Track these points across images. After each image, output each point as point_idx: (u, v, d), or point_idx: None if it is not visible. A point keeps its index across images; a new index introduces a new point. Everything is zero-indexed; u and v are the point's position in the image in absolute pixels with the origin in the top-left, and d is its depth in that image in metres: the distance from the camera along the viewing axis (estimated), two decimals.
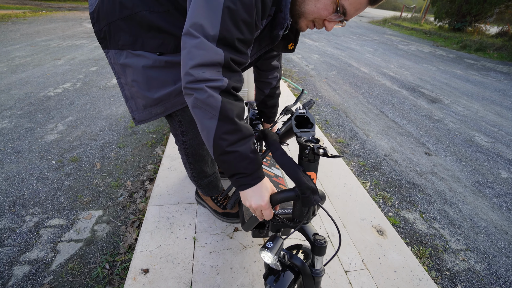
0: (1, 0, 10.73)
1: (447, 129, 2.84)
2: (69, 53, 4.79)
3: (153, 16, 0.73)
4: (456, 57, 6.74)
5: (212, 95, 0.57)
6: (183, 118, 0.96)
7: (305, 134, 0.64)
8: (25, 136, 2.24)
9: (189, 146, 1.04)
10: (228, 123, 0.59)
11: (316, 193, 0.61)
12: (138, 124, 0.94)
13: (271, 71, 1.17)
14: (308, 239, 0.68)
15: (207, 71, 0.57)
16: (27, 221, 1.48)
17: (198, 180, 1.20)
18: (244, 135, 0.62)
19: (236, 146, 0.61)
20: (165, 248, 1.18)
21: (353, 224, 1.36)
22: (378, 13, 20.07)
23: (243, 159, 0.62)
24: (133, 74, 0.82)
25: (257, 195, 0.65)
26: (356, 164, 2.13)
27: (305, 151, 0.62)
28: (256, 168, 0.64)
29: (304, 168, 0.64)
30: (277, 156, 0.65)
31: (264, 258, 0.62)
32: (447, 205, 1.77)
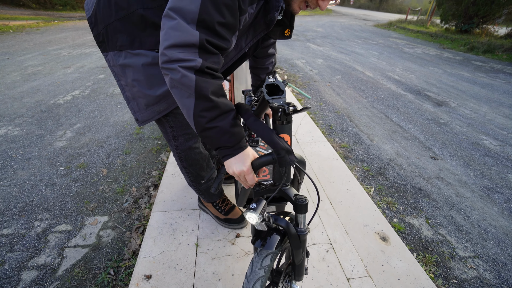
0: (16, 12, 11.17)
1: (453, 133, 2.80)
2: (78, 61, 4.93)
3: (148, 12, 0.75)
4: (463, 59, 6.65)
5: (186, 74, 0.59)
6: (174, 123, 0.98)
7: (276, 100, 0.67)
8: (35, 143, 2.31)
9: (181, 150, 1.06)
10: (204, 101, 0.61)
11: (291, 153, 0.65)
12: (142, 125, 0.96)
13: (268, 58, 1.17)
14: (290, 200, 0.72)
15: (181, 51, 0.59)
16: (35, 227, 1.52)
17: (197, 185, 1.21)
18: (223, 111, 0.64)
19: (215, 122, 0.64)
20: (167, 254, 1.19)
21: (355, 230, 1.35)
22: (384, 16, 20.01)
23: (224, 133, 0.65)
24: (134, 73, 0.83)
25: (239, 162, 0.68)
26: (360, 169, 2.11)
27: (277, 114, 0.67)
28: (237, 141, 0.67)
29: (277, 131, 0.68)
30: (250, 122, 0.68)
31: (249, 219, 0.64)
32: (454, 211, 1.74)
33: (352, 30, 11.36)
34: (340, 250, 1.24)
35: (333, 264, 1.17)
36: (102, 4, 0.78)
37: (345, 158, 2.23)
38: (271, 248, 0.68)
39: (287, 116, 0.65)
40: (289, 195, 0.72)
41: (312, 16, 17.64)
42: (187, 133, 1.03)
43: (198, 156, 1.10)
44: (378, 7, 30.00)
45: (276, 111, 0.66)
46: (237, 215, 1.33)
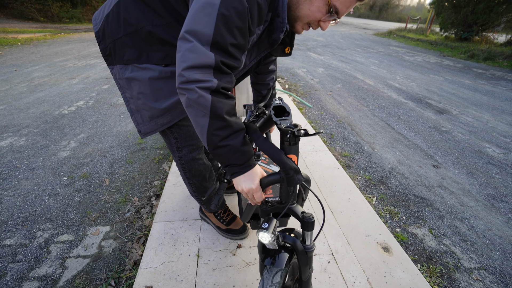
0: (25, 25, 11.53)
1: (456, 141, 2.79)
2: (83, 72, 5.04)
3: (156, 29, 0.78)
4: (463, 66, 6.68)
5: (203, 95, 0.62)
6: (178, 135, 1.00)
7: (283, 121, 0.70)
8: (40, 153, 2.35)
9: (185, 161, 1.08)
10: (219, 120, 0.64)
11: (298, 173, 0.67)
12: (144, 137, 0.98)
13: (268, 74, 1.20)
14: (297, 217, 0.73)
15: (198, 72, 0.61)
16: (38, 237, 1.53)
17: (199, 196, 1.22)
18: (235, 130, 0.66)
19: (227, 141, 0.66)
20: (169, 265, 1.19)
21: (357, 240, 1.34)
22: (383, 25, 20.28)
23: (235, 152, 0.68)
24: (140, 86, 0.85)
25: (248, 180, 0.71)
26: (361, 178, 2.10)
27: (286, 135, 0.68)
28: (247, 159, 0.70)
29: (285, 151, 0.70)
30: (260, 143, 0.70)
31: (262, 239, 0.66)
32: (457, 220, 1.72)
33: (352, 39, 11.51)
34: (342, 261, 1.23)
35: (335, 275, 1.16)
36: (111, 20, 0.82)
37: (346, 167, 2.23)
38: (281, 266, 0.70)
39: (295, 138, 0.68)
40: (296, 213, 0.74)
41: None
42: (191, 144, 1.05)
43: (201, 167, 1.12)
44: (377, 16, 30.45)
45: (285, 133, 0.68)
46: (238, 225, 1.33)
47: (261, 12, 0.66)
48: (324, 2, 0.68)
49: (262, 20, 0.69)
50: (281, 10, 0.71)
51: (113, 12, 0.81)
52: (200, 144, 1.07)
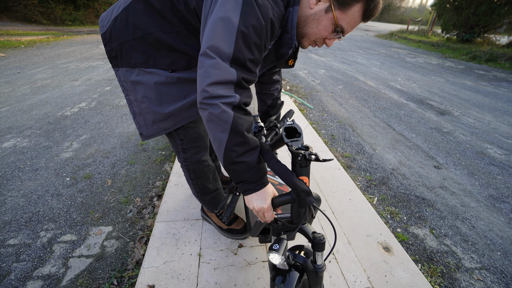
0: (28, 28, 11.65)
1: (457, 142, 2.79)
2: (86, 74, 5.08)
3: (165, 36, 0.80)
4: (465, 68, 6.68)
5: (225, 110, 0.63)
6: (184, 136, 1.01)
7: (295, 143, 0.71)
8: (42, 154, 2.37)
9: (190, 163, 1.09)
10: (238, 136, 0.65)
11: (310, 195, 0.67)
12: (145, 139, 0.99)
13: (273, 84, 1.21)
14: (308, 237, 0.73)
15: (221, 88, 0.63)
16: (41, 237, 1.54)
17: (202, 196, 1.23)
18: (252, 147, 0.68)
19: (244, 157, 0.67)
20: (170, 264, 1.20)
21: (358, 240, 1.34)
22: (385, 27, 20.30)
23: (250, 169, 0.69)
24: (145, 90, 0.87)
25: (260, 199, 0.71)
26: (362, 179, 2.11)
27: (297, 158, 0.69)
28: (261, 177, 0.71)
29: (297, 173, 0.71)
30: (272, 164, 0.71)
31: (272, 260, 0.67)
32: (459, 221, 1.72)
33: (353, 40, 11.53)
34: (343, 260, 1.24)
35: (336, 275, 1.16)
36: (119, 23, 0.83)
37: (347, 168, 2.24)
38: (291, 286, 0.70)
39: (307, 160, 0.68)
40: (307, 233, 0.74)
41: None
42: (197, 146, 1.06)
43: (206, 169, 1.13)
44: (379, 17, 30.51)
45: (296, 155, 0.69)
46: (240, 225, 1.34)
47: (274, 29, 0.68)
48: (331, 22, 0.71)
49: (274, 36, 0.71)
50: (290, 27, 0.74)
51: (121, 15, 0.82)
52: (205, 145, 1.08)
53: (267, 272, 1.17)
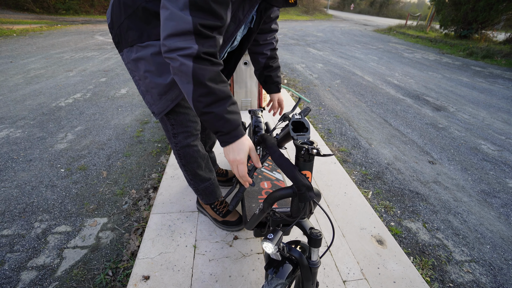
0: (20, 16, 11.33)
1: (452, 138, 2.81)
2: (80, 64, 4.99)
3: (150, 5, 0.80)
4: (462, 64, 6.70)
5: (184, 62, 0.63)
6: (175, 121, 1.03)
7: (301, 137, 0.71)
8: (36, 145, 2.34)
9: (180, 147, 1.10)
10: (201, 87, 0.66)
11: (311, 190, 0.68)
12: (159, 117, 0.99)
13: (270, 33, 1.15)
14: (305, 232, 0.74)
15: (178, 40, 0.62)
16: (35, 228, 1.53)
17: (195, 185, 1.25)
18: (219, 98, 0.68)
19: (211, 108, 0.68)
20: (166, 255, 1.20)
21: (352, 233, 1.36)
22: (383, 22, 20.18)
23: (219, 119, 0.70)
24: (145, 65, 0.87)
25: (235, 152, 0.74)
26: (358, 173, 2.12)
27: (301, 152, 0.69)
28: (232, 128, 0.72)
29: (300, 167, 0.71)
30: (275, 158, 0.71)
31: (265, 248, 0.67)
32: (451, 215, 1.75)
33: (352, 35, 11.46)
34: (337, 253, 1.25)
35: (330, 266, 1.18)
36: (115, 8, 0.85)
37: (343, 162, 2.25)
38: (282, 278, 0.70)
39: (310, 155, 0.68)
40: (304, 228, 0.74)
41: (312, 21, 17.80)
42: (186, 131, 1.07)
43: (196, 154, 1.14)
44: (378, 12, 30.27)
45: (300, 149, 0.69)
46: (234, 217, 1.34)
47: None
48: None
49: None
50: None
51: (115, 0, 0.85)
52: (194, 132, 1.09)
53: (262, 263, 1.18)
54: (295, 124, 0.73)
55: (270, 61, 1.19)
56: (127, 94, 3.63)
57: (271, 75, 1.22)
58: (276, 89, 1.26)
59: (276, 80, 1.24)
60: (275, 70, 1.22)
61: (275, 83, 1.24)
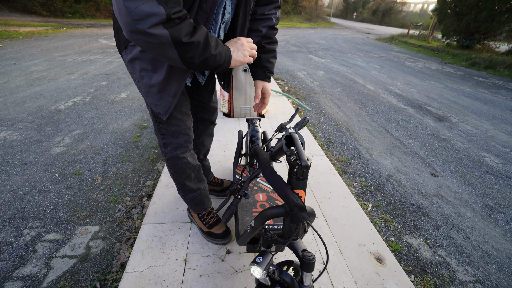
0: (28, 19, 11.50)
1: (454, 149, 2.76)
2: (83, 67, 5.01)
3: None
4: (464, 74, 6.67)
5: (160, 34, 0.62)
6: (166, 131, 1.01)
7: (294, 153, 0.66)
8: (33, 149, 2.31)
9: (169, 157, 1.08)
10: (184, 46, 0.66)
11: (304, 210, 0.63)
12: (166, 117, 0.95)
13: (270, 5, 0.98)
14: (297, 255, 0.69)
15: (138, 4, 0.58)
16: (24, 235, 1.49)
17: (183, 194, 1.22)
18: (203, 43, 0.69)
19: (202, 56, 0.70)
20: (155, 269, 1.15)
21: (350, 250, 1.31)
22: (386, 30, 20.31)
23: (212, 59, 0.73)
24: (139, 63, 0.85)
25: (236, 59, 0.82)
26: (357, 185, 2.07)
27: (293, 169, 0.64)
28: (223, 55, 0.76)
29: (292, 186, 0.66)
30: (266, 175, 0.67)
31: (253, 272, 0.63)
32: (454, 231, 1.69)
33: (354, 43, 11.51)
34: (333, 271, 1.20)
35: (326, 285, 1.13)
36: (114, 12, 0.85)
37: (343, 173, 2.20)
38: None
39: (303, 172, 0.64)
40: (297, 250, 0.70)
41: (315, 29, 17.94)
42: (175, 142, 1.04)
43: (185, 166, 1.10)
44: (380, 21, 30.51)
45: (293, 166, 0.65)
46: (220, 230, 1.29)
47: None
48: None
49: None
50: None
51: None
52: (184, 144, 1.05)
53: (254, 280, 1.13)
54: (288, 139, 0.69)
55: (264, 41, 0.99)
56: (127, 98, 3.62)
57: (261, 57, 1.01)
58: (262, 75, 1.03)
59: (266, 65, 1.02)
60: (267, 53, 1.01)
61: (264, 68, 1.02)
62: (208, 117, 1.33)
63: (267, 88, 1.05)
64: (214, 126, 1.43)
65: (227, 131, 2.53)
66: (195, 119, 1.30)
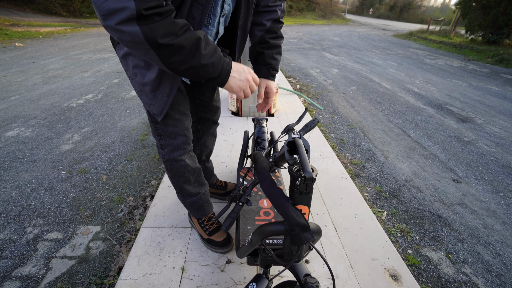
0: (49, 20, 11.96)
1: (480, 153, 2.54)
2: (96, 65, 5.09)
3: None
4: (491, 72, 6.24)
5: (131, 31, 0.53)
6: (163, 132, 0.94)
7: (297, 162, 0.57)
8: (43, 145, 2.34)
9: (166, 160, 1.01)
10: (163, 48, 0.57)
11: (307, 230, 0.53)
12: (161, 118, 0.88)
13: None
14: (299, 280, 0.60)
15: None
16: (27, 233, 1.49)
17: (181, 198, 1.15)
18: (189, 48, 0.60)
19: (188, 62, 0.61)
20: (150, 277, 1.09)
21: (362, 264, 1.19)
22: (404, 26, 19.50)
23: (202, 69, 0.64)
24: (132, 60, 0.80)
25: (236, 84, 0.72)
26: (371, 190, 1.94)
27: (296, 181, 0.55)
28: (218, 68, 0.66)
29: (294, 201, 0.57)
30: (264, 186, 0.58)
31: None
32: (480, 245, 1.52)
33: (370, 40, 11.11)
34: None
35: None
36: None
37: (356, 177, 2.07)
38: None
39: (307, 185, 0.54)
40: (298, 274, 0.60)
41: (329, 26, 17.52)
42: (173, 144, 0.97)
43: (183, 169, 1.03)
44: (398, 16, 29.39)
45: (295, 178, 0.55)
46: (221, 237, 1.21)
47: None
48: None
49: None
50: None
51: None
52: (182, 146, 0.98)
53: None
54: (291, 145, 0.59)
55: (268, 36, 0.91)
56: (136, 96, 3.63)
57: (264, 52, 0.92)
58: (266, 73, 0.94)
59: (269, 61, 0.93)
60: (271, 48, 0.92)
61: (268, 65, 0.93)
62: (210, 117, 1.25)
63: (271, 87, 0.97)
64: (217, 126, 1.35)
65: (235, 131, 2.45)
66: (196, 118, 1.23)
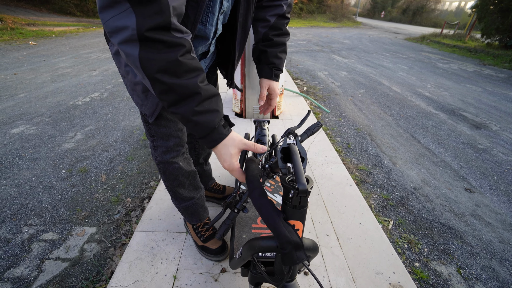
0: (63, 19, 12.26)
1: (495, 161, 2.41)
2: (104, 64, 5.15)
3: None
4: (508, 77, 6.01)
5: (129, 53, 0.48)
6: (155, 133, 0.90)
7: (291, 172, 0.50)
8: (45, 143, 2.34)
9: (159, 162, 0.97)
10: (157, 83, 0.51)
11: (300, 249, 0.47)
12: (153, 120, 0.83)
13: None
14: None
15: (112, 14, 0.46)
16: (23, 233, 1.47)
17: (176, 203, 1.10)
18: (182, 96, 0.53)
19: (176, 108, 0.55)
20: (140, 285, 1.05)
21: (365, 278, 1.11)
22: (416, 30, 19.13)
23: (187, 122, 0.57)
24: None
25: (221, 157, 0.62)
26: (377, 197, 1.85)
27: (288, 194, 0.49)
28: (206, 131, 0.58)
29: (287, 215, 0.51)
30: (254, 197, 0.52)
31: None
32: (495, 261, 1.42)
33: (381, 43, 10.92)
34: None
35: None
36: None
37: (361, 183, 1.98)
38: None
39: (301, 199, 0.48)
40: None
41: (339, 28, 17.35)
42: (165, 146, 0.93)
43: (176, 172, 0.99)
44: (410, 20, 28.89)
45: (287, 190, 0.50)
46: (216, 245, 1.16)
47: None
48: None
49: None
50: None
51: None
52: (175, 148, 0.94)
53: None
54: (285, 152, 0.53)
55: (271, 33, 0.85)
56: None
57: (267, 50, 0.86)
58: (269, 72, 0.88)
59: (273, 60, 0.87)
60: (275, 46, 0.86)
61: (271, 64, 0.87)
62: None
63: (273, 87, 0.91)
64: None
65: (238, 132, 2.40)
66: None
